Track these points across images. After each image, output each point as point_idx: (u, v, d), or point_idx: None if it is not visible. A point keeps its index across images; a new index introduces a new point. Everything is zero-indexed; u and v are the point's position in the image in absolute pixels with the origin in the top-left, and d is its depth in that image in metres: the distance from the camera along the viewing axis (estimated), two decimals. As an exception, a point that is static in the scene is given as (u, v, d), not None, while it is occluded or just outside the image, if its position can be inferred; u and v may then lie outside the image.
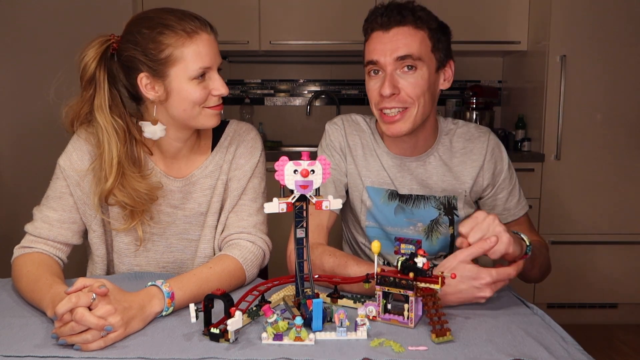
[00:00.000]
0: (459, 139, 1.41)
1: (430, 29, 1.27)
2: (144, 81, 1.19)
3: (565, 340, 0.92)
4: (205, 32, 1.19)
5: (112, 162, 1.19)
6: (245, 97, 3.46)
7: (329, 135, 1.43)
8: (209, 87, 1.20)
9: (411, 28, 1.25)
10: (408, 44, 1.24)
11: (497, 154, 1.41)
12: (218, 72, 1.21)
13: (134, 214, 1.25)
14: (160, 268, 1.33)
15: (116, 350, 0.89)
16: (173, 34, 1.15)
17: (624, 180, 2.89)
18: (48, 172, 1.28)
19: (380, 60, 1.25)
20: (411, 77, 1.25)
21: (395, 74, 1.25)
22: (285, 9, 3.09)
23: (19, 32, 2.80)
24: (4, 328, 0.98)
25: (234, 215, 1.31)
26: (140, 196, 1.22)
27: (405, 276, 0.95)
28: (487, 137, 1.41)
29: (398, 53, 1.24)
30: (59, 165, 1.26)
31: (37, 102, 2.82)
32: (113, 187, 1.20)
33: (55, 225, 1.24)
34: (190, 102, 1.18)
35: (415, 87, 1.25)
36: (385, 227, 1.41)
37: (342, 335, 0.92)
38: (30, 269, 1.14)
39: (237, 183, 1.32)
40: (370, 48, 1.28)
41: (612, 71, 2.84)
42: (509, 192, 1.42)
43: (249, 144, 1.35)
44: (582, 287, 2.94)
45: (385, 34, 1.25)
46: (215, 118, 1.23)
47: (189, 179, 1.31)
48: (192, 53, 1.16)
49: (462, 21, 3.08)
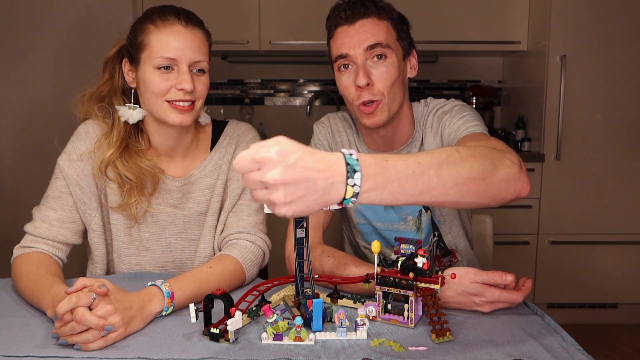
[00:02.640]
0: (428, 116, 1.37)
1: (392, 19, 1.28)
2: (127, 67, 1.26)
3: (565, 340, 0.92)
4: (179, 25, 1.20)
5: (120, 134, 1.24)
6: (245, 97, 3.46)
7: (316, 135, 1.46)
8: (174, 80, 1.19)
9: (375, 19, 1.25)
10: (375, 33, 1.24)
11: (444, 109, 1.34)
12: (198, 70, 1.21)
13: (132, 191, 1.25)
14: (160, 267, 1.33)
15: (116, 350, 0.89)
16: (149, 22, 1.21)
17: (624, 180, 2.89)
18: (48, 172, 1.28)
19: (350, 52, 1.25)
20: (382, 66, 1.25)
21: (367, 64, 1.25)
22: (285, 9, 3.09)
23: (19, 31, 2.80)
24: (4, 328, 0.98)
25: (234, 215, 1.31)
26: (143, 172, 1.24)
27: (405, 276, 0.95)
28: (447, 104, 1.35)
29: (367, 43, 1.23)
30: (58, 165, 1.27)
31: (37, 102, 2.82)
32: (114, 157, 1.23)
33: (54, 224, 1.24)
34: (152, 93, 1.20)
35: (387, 76, 1.25)
36: (374, 222, 1.42)
37: (342, 335, 0.92)
38: (30, 268, 1.14)
39: (237, 183, 1.32)
40: (338, 43, 1.27)
41: (612, 71, 2.84)
42: (460, 116, 1.29)
43: (248, 144, 1.35)
44: (582, 287, 2.94)
45: (351, 27, 1.25)
46: (175, 115, 1.20)
47: (188, 179, 1.31)
48: (158, 41, 1.19)
49: (462, 21, 3.08)
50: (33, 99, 2.83)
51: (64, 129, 1.33)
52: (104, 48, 1.31)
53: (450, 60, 3.43)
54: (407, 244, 1.01)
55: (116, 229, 1.30)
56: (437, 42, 3.03)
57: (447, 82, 3.46)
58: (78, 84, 1.29)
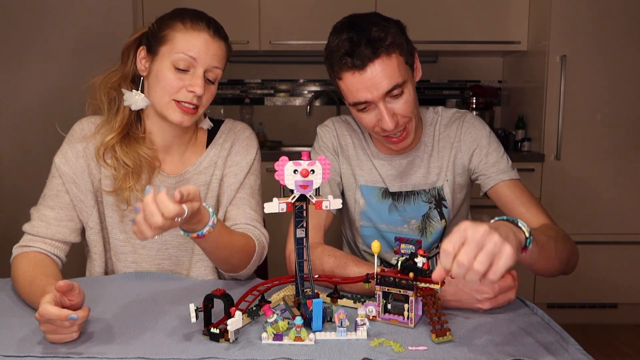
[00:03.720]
0: (439, 126, 1.40)
1: (398, 45, 1.20)
2: (142, 54, 1.26)
3: (565, 340, 0.92)
4: (207, 34, 1.22)
5: (123, 120, 1.25)
6: (245, 97, 3.46)
7: (320, 138, 1.45)
8: (187, 82, 1.20)
9: (385, 58, 1.18)
10: (390, 75, 1.18)
11: (474, 131, 1.38)
12: (208, 80, 1.23)
13: (127, 177, 1.25)
14: (156, 265, 1.33)
15: (116, 350, 0.89)
16: (179, 20, 1.22)
17: (624, 180, 2.89)
18: (48, 172, 1.28)
19: (368, 98, 1.21)
20: (402, 100, 1.23)
21: (387, 102, 1.22)
22: (285, 9, 3.09)
23: (19, 31, 2.80)
24: (4, 328, 0.98)
25: (234, 208, 1.32)
26: (141, 160, 1.25)
27: (405, 276, 0.95)
28: (462, 118, 1.40)
29: (384, 88, 1.19)
30: (54, 164, 1.28)
31: (37, 102, 2.82)
32: (114, 142, 1.24)
33: (52, 223, 1.24)
34: (162, 88, 1.21)
35: (408, 105, 1.24)
36: (379, 225, 1.43)
37: (342, 335, 0.92)
38: (27, 269, 1.14)
39: (234, 178, 1.33)
40: (351, 89, 1.21)
41: (612, 71, 2.84)
42: (495, 159, 1.36)
43: (244, 142, 1.36)
44: (582, 287, 2.94)
45: (363, 73, 1.18)
46: (177, 114, 1.22)
47: (183, 176, 1.32)
48: (183, 39, 1.20)
49: (462, 21, 3.08)
50: (33, 99, 2.83)
51: (64, 128, 1.33)
52: (104, 49, 1.32)
53: (450, 60, 3.43)
54: (407, 244, 1.01)
55: (112, 226, 1.30)
56: (437, 42, 3.03)
57: (447, 82, 3.46)
58: (78, 83, 1.29)
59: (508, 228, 0.86)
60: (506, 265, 0.80)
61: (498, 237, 0.79)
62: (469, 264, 0.78)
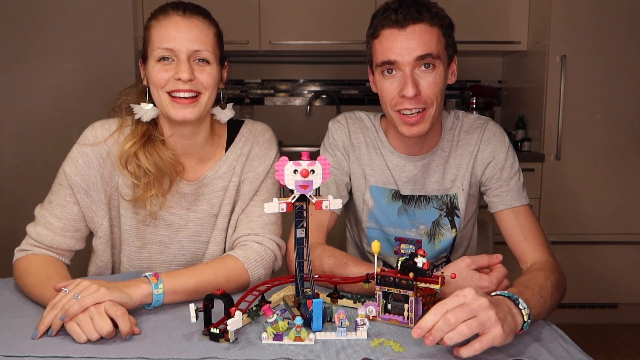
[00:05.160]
0: (459, 132, 1.37)
1: (443, 25, 1.23)
2: (141, 66, 1.26)
3: (565, 340, 0.92)
4: (177, 15, 1.19)
5: (142, 128, 1.23)
6: (245, 97, 3.46)
7: (332, 134, 1.40)
8: (173, 71, 1.17)
9: (427, 25, 1.20)
10: (427, 42, 1.19)
11: (494, 143, 1.35)
12: (201, 60, 1.19)
13: (149, 185, 1.22)
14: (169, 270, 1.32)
15: (116, 350, 0.89)
16: (152, 18, 1.22)
17: (624, 180, 2.89)
18: (49, 171, 1.27)
19: (398, 60, 1.19)
20: (430, 77, 1.21)
21: (414, 73, 1.21)
22: (285, 9, 3.09)
23: (19, 31, 2.79)
24: (4, 328, 0.98)
25: (244, 217, 1.28)
26: (165, 165, 1.22)
27: (405, 276, 0.95)
28: (484, 127, 1.36)
29: (418, 52, 1.18)
30: (64, 172, 1.23)
31: (37, 102, 2.82)
32: (136, 148, 1.21)
33: (58, 233, 1.22)
34: (153, 85, 1.20)
35: (434, 86, 1.22)
36: (386, 228, 1.41)
37: (342, 335, 0.92)
38: (39, 268, 1.14)
39: (250, 186, 1.29)
40: (385, 47, 1.21)
41: (612, 71, 2.84)
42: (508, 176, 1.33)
43: (263, 145, 1.32)
44: (582, 287, 2.94)
45: (401, 31, 1.19)
46: (176, 110, 1.18)
47: (202, 181, 1.29)
48: (157, 34, 1.19)
49: (462, 21, 3.06)
50: (34, 104, 2.82)
51: (64, 129, 1.32)
52: (104, 52, 1.31)
53: (450, 60, 3.43)
54: (407, 244, 1.01)
55: (128, 234, 1.28)
56: (437, 42, 3.03)
57: (447, 82, 3.46)
58: (78, 89, 1.28)
59: (507, 309, 0.89)
60: (489, 345, 0.83)
61: (494, 314, 0.83)
62: (455, 323, 0.82)
